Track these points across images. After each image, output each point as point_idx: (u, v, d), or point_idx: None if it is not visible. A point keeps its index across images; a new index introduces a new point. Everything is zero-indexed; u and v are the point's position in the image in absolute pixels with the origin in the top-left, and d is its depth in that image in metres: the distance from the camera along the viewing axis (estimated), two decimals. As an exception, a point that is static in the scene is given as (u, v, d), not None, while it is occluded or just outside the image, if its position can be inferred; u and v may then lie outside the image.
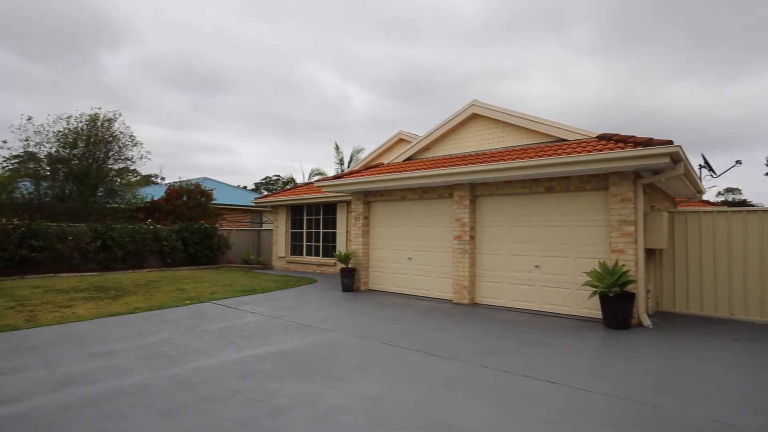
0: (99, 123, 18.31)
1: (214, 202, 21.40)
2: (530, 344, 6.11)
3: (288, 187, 28.55)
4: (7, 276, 12.80)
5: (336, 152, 29.71)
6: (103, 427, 3.47)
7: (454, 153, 10.47)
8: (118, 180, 19.40)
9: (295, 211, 17.09)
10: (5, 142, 18.19)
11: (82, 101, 58.71)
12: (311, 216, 16.44)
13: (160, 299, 9.59)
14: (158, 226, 17.17)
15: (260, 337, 6.39)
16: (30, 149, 17.46)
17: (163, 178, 39.17)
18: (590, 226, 7.92)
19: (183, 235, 17.48)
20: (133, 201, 19.15)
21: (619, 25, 65.88)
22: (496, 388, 4.40)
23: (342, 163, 29.60)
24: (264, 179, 57.45)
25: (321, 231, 16.03)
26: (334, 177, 12.18)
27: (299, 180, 31.57)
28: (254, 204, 20.45)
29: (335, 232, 15.45)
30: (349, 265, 11.41)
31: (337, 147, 29.65)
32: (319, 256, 16.04)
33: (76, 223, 15.57)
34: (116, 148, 18.87)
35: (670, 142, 6.66)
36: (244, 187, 46.29)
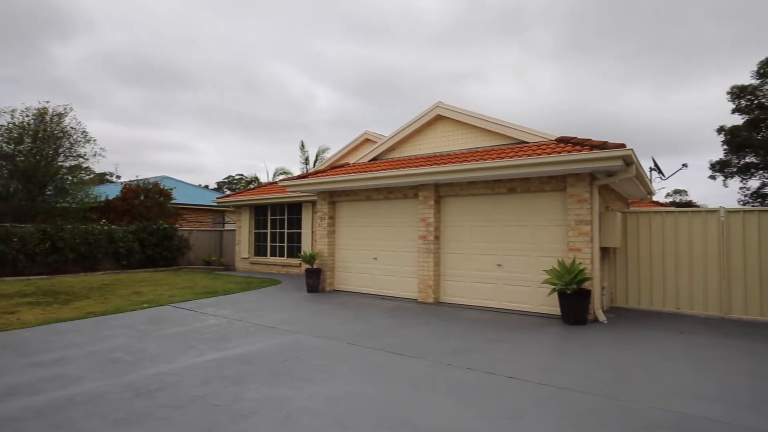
0: (48, 118, 17.32)
1: (173, 201, 20.69)
2: (493, 341, 6.26)
3: (252, 186, 27.96)
4: (-56, 281, 11.92)
5: (301, 151, 29.37)
6: (51, 440, 3.29)
7: (419, 154, 10.58)
8: (70, 178, 18.40)
9: (259, 211, 16.78)
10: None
11: (30, 95, 55.42)
12: (276, 216, 16.18)
13: (115, 303, 9.18)
14: (113, 226, 16.44)
15: (222, 341, 6.23)
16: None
17: (118, 177, 37.59)
18: (549, 226, 8.19)
19: (140, 235, 16.81)
20: (86, 200, 18.21)
21: (577, 33, 68.50)
22: (459, 385, 4.48)
23: (307, 163, 29.30)
24: (226, 178, 56.05)
25: (286, 231, 15.81)
26: (300, 177, 12.05)
27: (263, 179, 31.04)
28: (216, 204, 19.92)
29: (300, 233, 15.27)
30: (315, 266, 11.32)
31: (302, 146, 29.31)
32: (283, 256, 15.82)
33: (22, 223, 14.67)
34: (67, 144, 17.90)
35: (623, 146, 6.99)
36: (206, 187, 45.00)
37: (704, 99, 58.01)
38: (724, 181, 33.09)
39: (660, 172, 14.58)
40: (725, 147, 32.49)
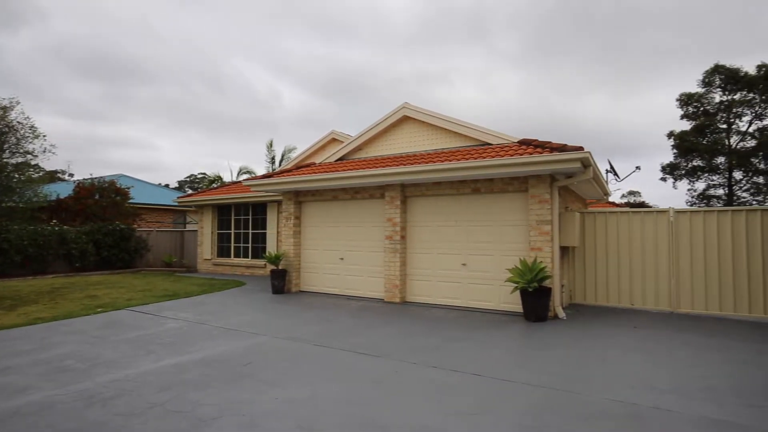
0: (-9, 111, 16.22)
1: (131, 201, 19.85)
2: (457, 339, 6.37)
3: (215, 185, 27.20)
4: None
5: (267, 150, 28.86)
6: (-5, 454, 3.10)
7: (386, 154, 10.61)
8: (16, 176, 17.30)
9: (223, 211, 16.36)
10: None
11: (-30, 86, 51.75)
12: (240, 216, 15.83)
13: (66, 308, 8.72)
14: (65, 227, 15.61)
15: (183, 345, 6.04)
16: None
17: (71, 175, 35.70)
18: (512, 226, 8.41)
19: (95, 236, 16.03)
20: (35, 199, 17.16)
21: (539, 39, 70.69)
22: (424, 384, 4.53)
23: (273, 162, 28.83)
24: (188, 177, 54.33)
25: (250, 232, 15.49)
26: (265, 176, 11.83)
27: (227, 178, 30.21)
28: (177, 203, 19.25)
29: (265, 233, 15.00)
30: (280, 267, 11.15)
31: (270, 145, 28.80)
32: (248, 257, 15.49)
33: (-38, 224, 13.70)
34: (13, 140, 16.78)
35: (581, 149, 7.26)
36: (166, 186, 43.45)
37: (657, 105, 61.20)
38: (674, 183, 34.99)
39: (615, 174, 15.23)
40: (674, 151, 34.36)
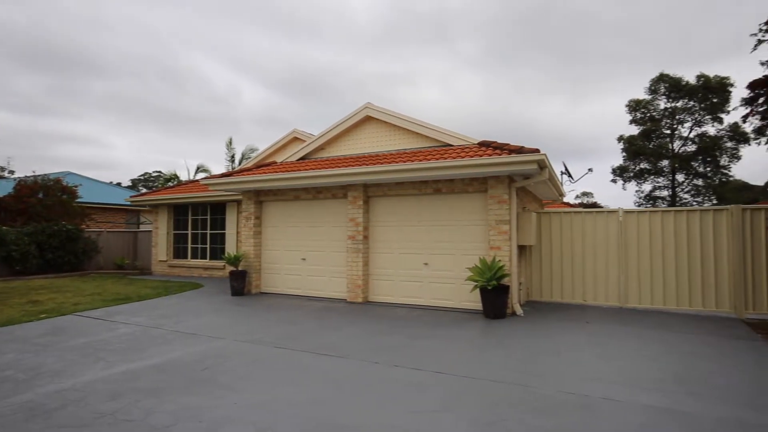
0: None
1: (79, 200, 18.75)
2: (419, 338, 6.44)
3: (170, 184, 26.22)
4: None
5: (227, 148, 28.18)
6: None
7: (348, 154, 10.57)
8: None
9: (179, 211, 15.79)
10: None
11: None
12: (197, 216, 15.33)
13: (5, 314, 8.15)
14: (4, 227, 14.55)
15: (135, 351, 5.78)
16: None
17: (11, 172, 33.53)
18: (472, 226, 8.59)
19: (38, 238, 15.03)
20: (-31, 198, 15.99)
21: (499, 43, 72.65)
22: (386, 383, 4.55)
23: (233, 161, 28.14)
24: (143, 175, 52.04)
25: (208, 232, 15.03)
26: (223, 175, 11.50)
27: (184, 177, 29.21)
28: (130, 203, 18.39)
29: (224, 233, 14.60)
30: (240, 268, 10.88)
31: (230, 143, 28.11)
32: (206, 258, 15.02)
33: None
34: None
35: (537, 151, 7.52)
36: (118, 184, 41.49)
37: (609, 110, 64.43)
38: (624, 184, 36.91)
39: (570, 175, 15.92)
40: (624, 154, 36.23)
